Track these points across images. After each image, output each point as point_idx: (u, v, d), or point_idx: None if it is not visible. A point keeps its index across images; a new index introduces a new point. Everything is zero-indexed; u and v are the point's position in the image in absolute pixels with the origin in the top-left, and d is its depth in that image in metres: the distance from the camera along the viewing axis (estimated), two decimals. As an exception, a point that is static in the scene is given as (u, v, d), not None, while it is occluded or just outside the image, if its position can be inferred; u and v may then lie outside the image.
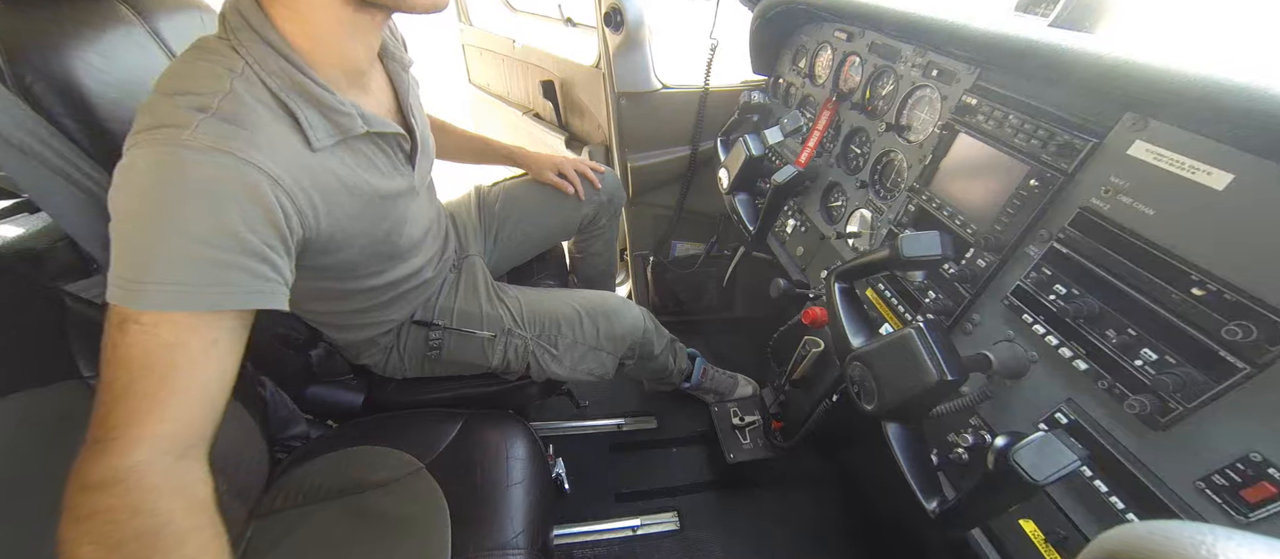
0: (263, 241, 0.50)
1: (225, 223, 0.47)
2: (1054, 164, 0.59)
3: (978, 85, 0.73)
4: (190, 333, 0.46)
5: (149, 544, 0.42)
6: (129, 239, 0.46)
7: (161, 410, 0.45)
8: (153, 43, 0.81)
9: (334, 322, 0.85)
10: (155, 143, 0.46)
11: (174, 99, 0.48)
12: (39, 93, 0.60)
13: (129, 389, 0.44)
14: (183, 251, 0.46)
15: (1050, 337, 0.57)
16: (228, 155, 0.48)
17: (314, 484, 0.82)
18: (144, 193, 0.46)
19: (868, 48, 0.98)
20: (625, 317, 1.04)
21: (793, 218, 1.15)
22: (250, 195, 0.49)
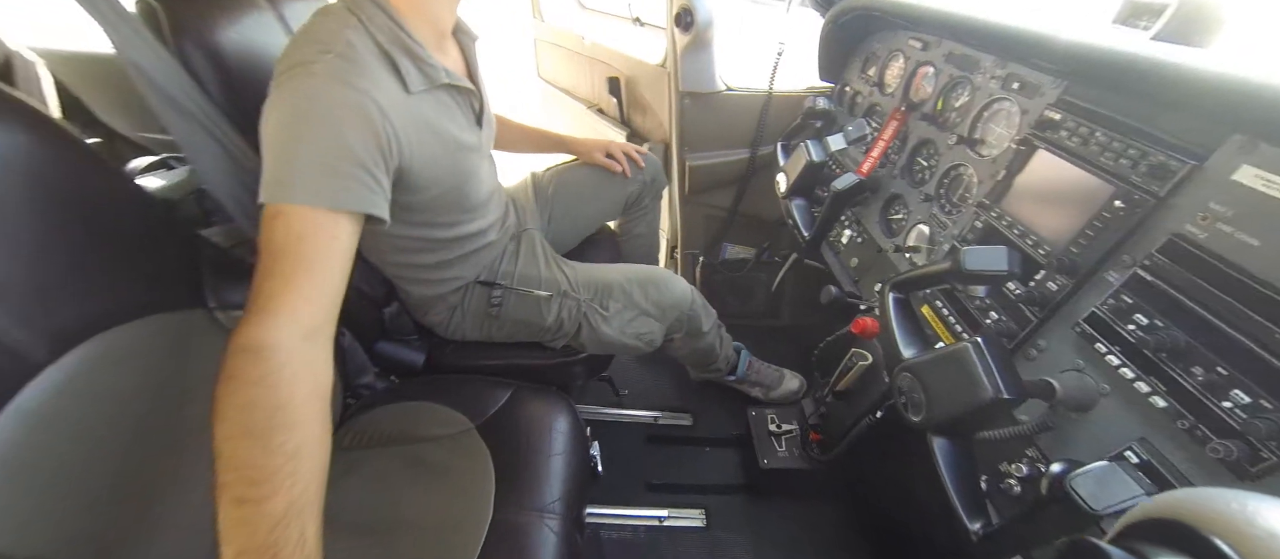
0: (370, 158, 0.62)
1: (343, 139, 0.59)
2: (1144, 186, 0.56)
3: (1063, 100, 0.70)
4: (316, 226, 0.57)
5: (269, 416, 0.48)
6: (274, 150, 0.58)
7: (295, 289, 0.54)
8: (278, 25, 0.93)
9: (412, 274, 0.95)
10: (292, 77, 0.59)
11: (304, 47, 0.61)
12: (194, 63, 0.71)
13: (271, 270, 0.54)
14: (310, 160, 0.57)
15: (1125, 369, 0.53)
16: (346, 86, 0.59)
17: (377, 430, 0.90)
18: (284, 114, 0.58)
19: (944, 57, 0.95)
20: (674, 287, 1.08)
21: (849, 228, 1.12)
22: (361, 119, 0.60)
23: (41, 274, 0.50)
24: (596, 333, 1.02)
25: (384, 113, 0.62)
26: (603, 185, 1.29)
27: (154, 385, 0.60)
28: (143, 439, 0.58)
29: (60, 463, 0.50)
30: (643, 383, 1.56)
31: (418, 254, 0.91)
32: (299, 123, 0.58)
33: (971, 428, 0.57)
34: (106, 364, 0.55)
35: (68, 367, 0.51)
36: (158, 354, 0.61)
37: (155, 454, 0.59)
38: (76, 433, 0.52)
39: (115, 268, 0.57)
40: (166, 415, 0.61)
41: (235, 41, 0.82)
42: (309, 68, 0.59)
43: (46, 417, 0.49)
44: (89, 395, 0.53)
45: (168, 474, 0.60)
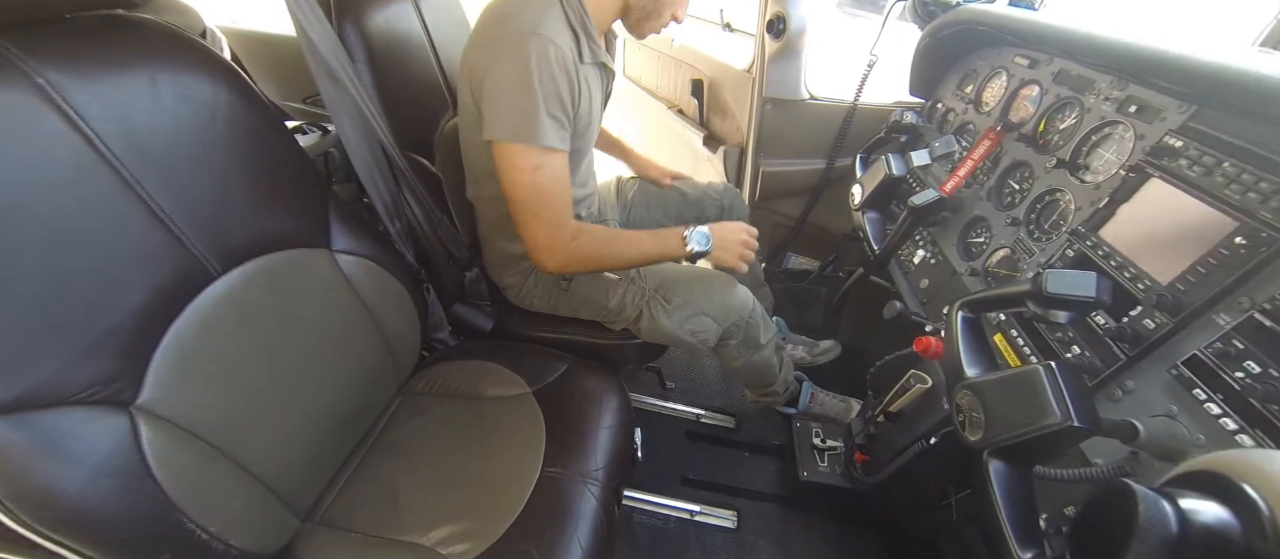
0: (570, 106, 0.83)
1: (561, 94, 0.80)
2: (1274, 223, 0.51)
3: (1188, 125, 0.64)
4: (552, 160, 0.83)
5: (603, 245, 0.92)
6: (509, 98, 0.78)
7: (562, 197, 0.86)
8: (415, 15, 1.07)
9: (506, 227, 1.01)
10: (522, 38, 0.77)
11: (525, 14, 0.79)
12: (350, 41, 0.85)
13: (540, 198, 0.84)
14: (544, 110, 0.79)
15: (1227, 419, 0.49)
16: (559, 48, 0.79)
17: (446, 382, 1.00)
18: (518, 69, 0.77)
19: (1052, 76, 0.89)
20: (736, 292, 1.10)
21: (923, 248, 1.08)
22: (568, 75, 0.80)
23: (225, 202, 0.63)
24: (655, 322, 1.06)
25: (576, 70, 0.82)
26: (682, 204, 1.34)
27: (289, 305, 0.72)
28: (276, 346, 0.70)
29: (219, 355, 0.62)
30: (690, 379, 1.58)
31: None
32: (533, 78, 0.76)
33: (1033, 456, 0.54)
34: (260, 284, 0.67)
35: (234, 280, 0.63)
36: (293, 280, 0.73)
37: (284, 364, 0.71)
38: (233, 334, 0.64)
39: (273, 205, 0.69)
40: (294, 330, 0.72)
41: (382, 26, 0.96)
42: (536, 33, 0.76)
43: (215, 317, 0.61)
44: (246, 307, 0.65)
45: (291, 381, 0.72)
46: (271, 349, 0.69)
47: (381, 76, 0.94)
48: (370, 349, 0.87)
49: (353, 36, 0.88)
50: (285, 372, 0.71)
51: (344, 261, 0.79)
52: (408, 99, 1.04)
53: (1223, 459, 0.24)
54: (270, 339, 0.69)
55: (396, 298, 0.91)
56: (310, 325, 0.74)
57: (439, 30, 1.13)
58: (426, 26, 1.10)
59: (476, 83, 0.82)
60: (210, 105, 0.62)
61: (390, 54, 0.98)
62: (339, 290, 0.78)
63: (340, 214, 0.80)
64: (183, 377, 0.57)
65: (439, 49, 1.14)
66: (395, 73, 1.00)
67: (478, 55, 0.82)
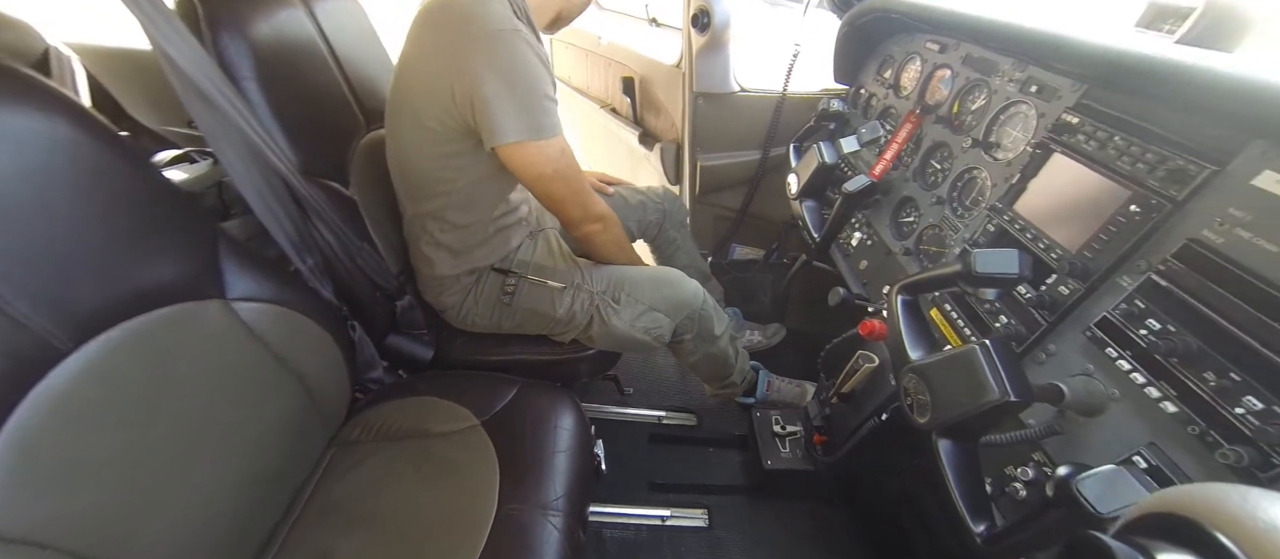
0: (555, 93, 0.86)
1: (548, 75, 0.83)
2: (1162, 190, 0.55)
3: (1082, 103, 0.69)
4: (564, 146, 0.87)
5: (619, 241, 1.06)
6: (512, 98, 0.79)
7: (585, 181, 0.94)
8: (310, 24, 0.96)
9: (451, 241, 0.99)
10: (505, 39, 0.77)
11: (495, 16, 0.77)
12: (229, 56, 0.74)
13: (566, 181, 0.90)
14: (547, 105, 0.82)
15: (1136, 374, 0.52)
16: (538, 47, 0.81)
17: (385, 424, 0.91)
18: (508, 70, 0.78)
19: (961, 60, 0.94)
20: (685, 286, 1.10)
21: (860, 230, 1.12)
22: (544, 59, 0.82)
23: (70, 262, 0.52)
24: (607, 326, 1.03)
25: (549, 62, 0.84)
26: (617, 208, 1.30)
27: (174, 372, 0.62)
28: (161, 424, 0.60)
29: (80, 447, 0.52)
30: (648, 382, 1.56)
31: (476, 209, 0.98)
32: (529, 72, 0.78)
33: (977, 430, 0.57)
34: (129, 351, 0.56)
35: (90, 354, 0.53)
36: (177, 342, 0.62)
37: (170, 440, 0.61)
38: (98, 418, 0.54)
39: (140, 257, 0.59)
40: (185, 400, 0.63)
41: (268, 36, 0.85)
42: (517, 33, 0.77)
43: (69, 402, 0.51)
44: (112, 382, 0.55)
45: (181, 458, 0.62)
46: (154, 427, 0.59)
47: (275, 96, 0.83)
48: (287, 404, 0.77)
49: (233, 51, 0.77)
50: (176, 450, 0.61)
51: (244, 310, 0.69)
52: (311, 118, 0.93)
53: (1186, 500, 0.24)
54: (151, 416, 0.59)
55: (315, 342, 0.81)
56: (205, 391, 0.64)
57: (340, 40, 1.03)
58: (325, 37, 0.99)
59: (463, 94, 0.79)
60: (44, 147, 0.51)
61: (284, 69, 0.87)
62: (240, 345, 0.69)
63: (235, 256, 0.71)
64: (29, 481, 0.47)
65: (343, 61, 1.03)
66: (292, 90, 0.89)
67: (453, 66, 0.79)
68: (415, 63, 0.86)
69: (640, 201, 1.33)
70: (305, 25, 0.95)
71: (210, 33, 0.75)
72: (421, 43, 0.85)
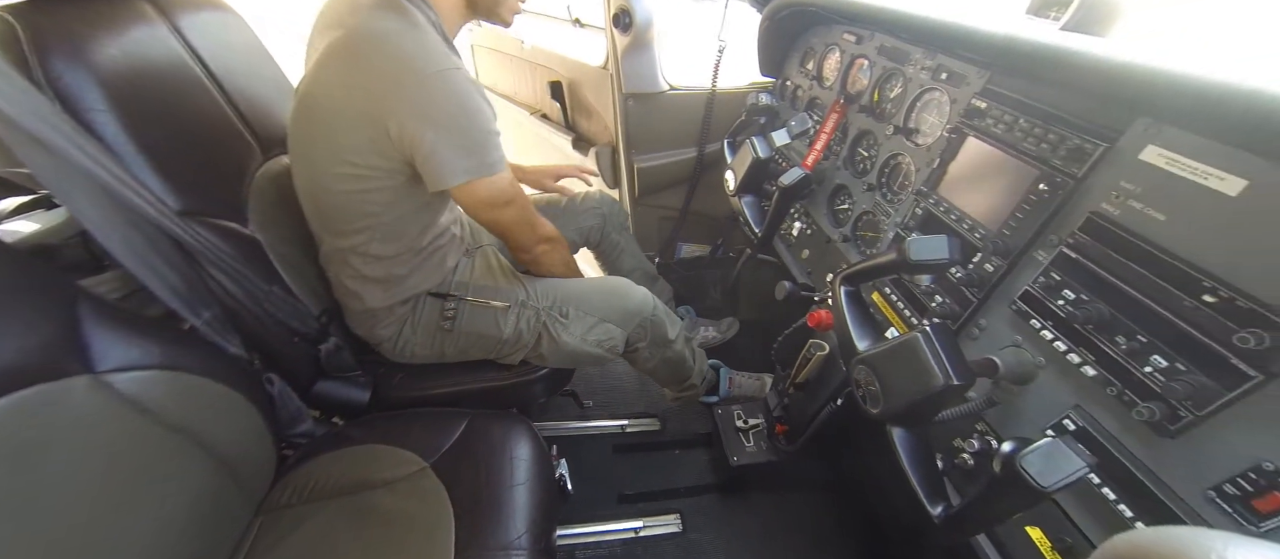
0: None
1: (487, 109, 0.79)
2: (1064, 168, 0.59)
3: (987, 89, 0.73)
4: (509, 179, 0.85)
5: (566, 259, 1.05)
6: (458, 137, 0.76)
7: (531, 204, 0.92)
8: (178, 43, 0.83)
9: (385, 272, 0.92)
10: (445, 79, 0.73)
11: (431, 53, 0.74)
12: (66, 89, 0.62)
13: (514, 206, 0.88)
14: (492, 141, 0.80)
15: (1058, 342, 0.56)
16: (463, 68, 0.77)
17: (319, 482, 0.82)
18: (452, 111, 0.75)
19: (877, 50, 0.98)
20: (633, 294, 1.07)
21: (799, 220, 1.14)
22: (479, 89, 0.79)
23: None
24: (557, 342, 0.99)
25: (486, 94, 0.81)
26: (556, 218, 1.24)
27: (43, 467, 0.51)
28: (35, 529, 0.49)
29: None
30: (606, 391, 1.53)
31: (402, 239, 0.91)
32: (469, 111, 0.76)
33: (927, 415, 0.59)
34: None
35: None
36: (40, 432, 0.52)
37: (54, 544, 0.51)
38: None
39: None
40: (63, 497, 0.52)
41: (119, 59, 0.72)
42: (457, 71, 0.75)
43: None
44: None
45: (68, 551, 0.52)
46: (26, 540, 0.49)
47: (138, 129, 0.71)
48: (196, 480, 0.67)
49: (71, 80, 0.64)
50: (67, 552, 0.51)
51: (122, 382, 0.59)
52: (189, 151, 0.81)
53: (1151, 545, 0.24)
54: (27, 522, 0.49)
55: (222, 404, 0.72)
56: (85, 486, 0.54)
57: (220, 60, 0.91)
58: (199, 57, 0.87)
59: (402, 136, 0.75)
60: None
61: (146, 97, 0.75)
62: (122, 424, 0.59)
63: (104, 320, 0.60)
64: None
65: (226, 84, 0.91)
66: (160, 120, 0.77)
67: (388, 108, 0.73)
68: (332, 96, 0.77)
69: (579, 208, 1.30)
70: (170, 44, 0.83)
71: (38, 60, 0.63)
72: (340, 76, 0.76)
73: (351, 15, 0.76)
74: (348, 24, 0.76)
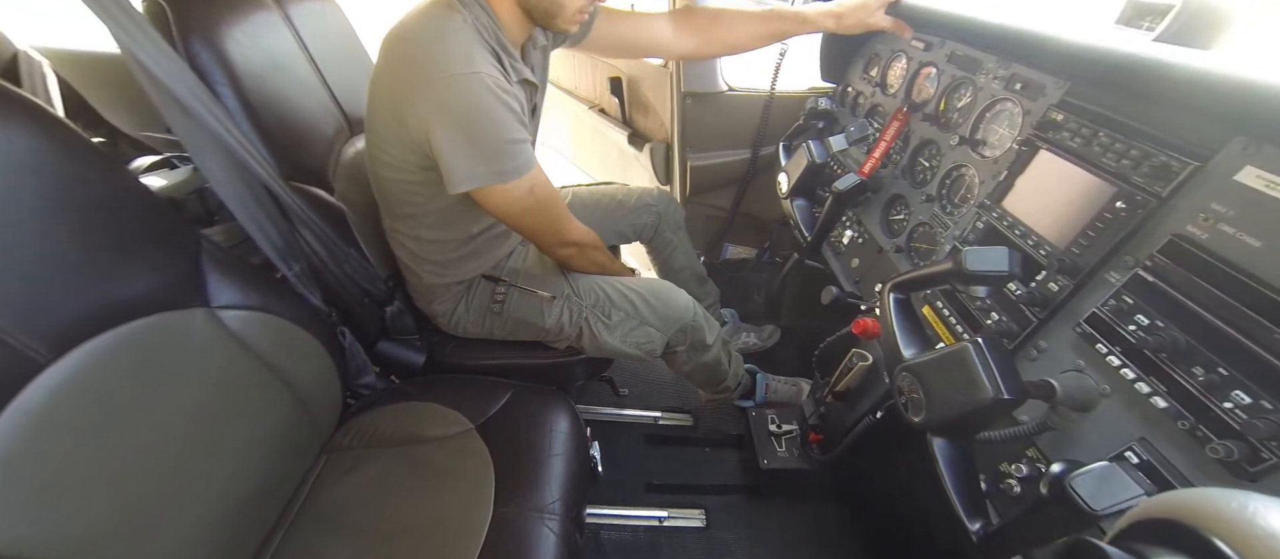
0: (526, 115, 0.83)
1: (512, 113, 0.77)
2: (1146, 187, 0.56)
3: (1066, 100, 0.70)
4: (535, 180, 0.84)
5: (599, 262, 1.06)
6: (478, 146, 0.76)
7: (557, 196, 0.91)
8: (285, 26, 0.94)
9: (434, 255, 0.98)
10: (462, 84, 0.73)
11: (451, 57, 0.73)
12: (201, 62, 0.72)
13: (543, 213, 0.89)
14: (508, 145, 0.78)
15: (1126, 369, 0.53)
16: (493, 76, 0.75)
17: (378, 431, 0.90)
18: (468, 115, 0.74)
19: (946, 58, 0.95)
20: (676, 300, 1.08)
21: (851, 228, 1.12)
22: (510, 94, 0.78)
23: (43, 274, 0.51)
24: (597, 339, 1.02)
25: (517, 98, 0.80)
26: (612, 211, 1.29)
27: (159, 383, 0.60)
28: (144, 436, 0.58)
29: (61, 463, 0.50)
30: (643, 382, 1.56)
31: (452, 228, 0.95)
32: (489, 114, 0.75)
33: (972, 429, 0.57)
34: (109, 363, 0.55)
35: (69, 366, 0.51)
36: (160, 352, 0.61)
37: (157, 452, 0.60)
38: (81, 431, 0.52)
39: (119, 267, 0.57)
40: (171, 411, 0.61)
41: (242, 41, 0.83)
42: (475, 77, 0.73)
43: (48, 416, 0.49)
44: (91, 394, 0.53)
45: (170, 470, 0.60)
46: (140, 440, 0.57)
47: (253, 102, 0.82)
48: (278, 412, 0.76)
49: (206, 57, 0.76)
50: (168, 460, 0.60)
51: (230, 318, 0.68)
52: (291, 125, 0.91)
53: (1182, 505, 0.24)
54: (140, 427, 0.57)
55: (304, 349, 0.80)
56: (192, 402, 0.63)
57: (319, 43, 1.01)
58: (303, 41, 0.98)
59: (419, 135, 0.76)
60: (14, 161, 0.49)
61: (262, 75, 0.85)
62: (227, 353, 0.67)
63: (219, 263, 0.69)
64: (11, 497, 0.46)
65: (322, 66, 1.01)
66: (269, 95, 0.87)
67: (407, 106, 0.75)
68: (376, 89, 0.82)
69: (635, 204, 1.32)
70: (281, 30, 0.94)
71: (181, 38, 0.74)
72: (380, 71, 0.81)
73: (411, 12, 0.79)
74: (402, 19, 0.79)
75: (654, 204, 1.34)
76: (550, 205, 0.89)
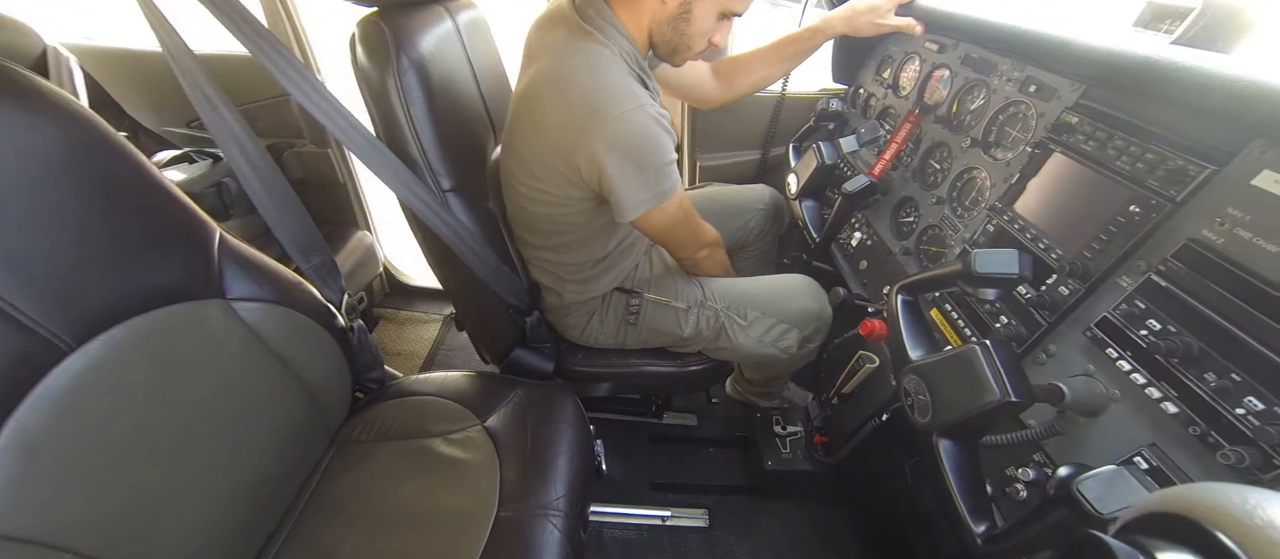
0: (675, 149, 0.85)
1: (668, 142, 0.80)
2: (1161, 191, 0.55)
3: (1080, 103, 0.69)
4: (681, 200, 0.87)
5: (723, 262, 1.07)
6: (644, 177, 0.79)
7: (701, 226, 0.97)
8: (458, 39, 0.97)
9: (575, 274, 1.00)
10: (626, 118, 0.75)
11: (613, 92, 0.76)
12: (407, 82, 0.78)
13: (686, 225, 0.93)
14: (667, 171, 0.81)
15: (1137, 374, 0.53)
16: (658, 116, 0.78)
17: (385, 424, 0.91)
18: (632, 146, 0.77)
19: (960, 60, 0.94)
20: (811, 293, 1.07)
21: (859, 230, 1.12)
22: (664, 125, 0.79)
23: (69, 263, 0.52)
24: (733, 341, 1.02)
25: (667, 120, 0.80)
26: (725, 213, 1.27)
27: (176, 371, 0.62)
28: (163, 423, 0.60)
29: (84, 446, 0.52)
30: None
31: (592, 247, 0.97)
32: (651, 146, 0.77)
33: (978, 431, 0.57)
34: (131, 351, 0.56)
35: (93, 353, 0.53)
36: (178, 342, 0.62)
37: (175, 439, 0.61)
38: (101, 417, 0.54)
39: (141, 257, 0.59)
40: (187, 400, 0.63)
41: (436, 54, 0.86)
42: (640, 109, 0.75)
43: (72, 401, 0.51)
44: (114, 381, 0.55)
45: (187, 457, 0.62)
46: (158, 427, 0.59)
47: (440, 116, 0.84)
48: (289, 403, 0.77)
49: (412, 74, 0.79)
50: (183, 448, 0.62)
51: (245, 310, 0.70)
52: (463, 137, 0.93)
53: (1186, 500, 0.24)
54: (157, 414, 0.59)
55: (316, 342, 0.81)
56: (209, 391, 0.64)
57: (476, 53, 1.03)
58: (469, 54, 1.00)
59: (590, 174, 0.79)
60: (46, 153, 0.51)
61: (445, 88, 0.87)
62: (242, 344, 0.69)
63: (235, 256, 0.70)
64: (34, 480, 0.47)
65: (479, 76, 1.03)
66: (447, 109, 0.89)
67: (578, 147, 0.77)
68: (534, 129, 0.82)
69: (744, 205, 1.29)
70: (455, 41, 0.95)
71: (396, 56, 0.77)
72: (533, 116, 0.82)
73: (549, 49, 0.81)
74: (542, 61, 0.80)
75: (764, 207, 1.30)
76: (691, 213, 0.93)
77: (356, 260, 1.57)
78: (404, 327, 1.85)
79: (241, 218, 1.09)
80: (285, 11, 1.27)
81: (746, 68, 1.15)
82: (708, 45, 0.84)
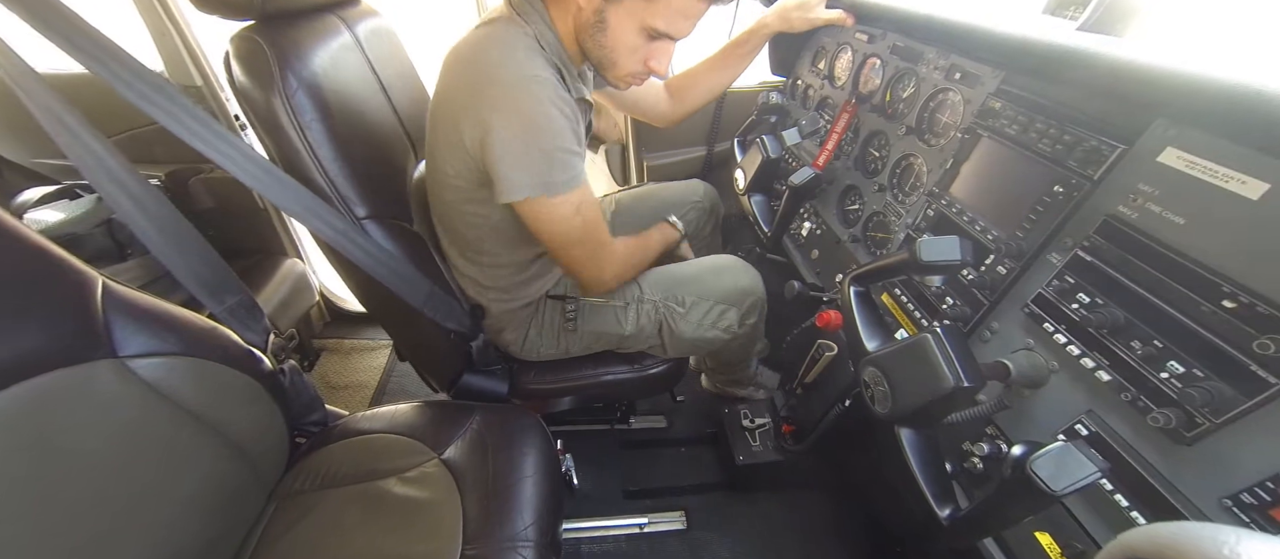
0: (583, 131, 0.81)
1: (568, 124, 0.74)
2: (1080, 170, 0.58)
3: (1002, 89, 0.72)
4: (583, 193, 0.78)
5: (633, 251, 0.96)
6: (531, 155, 0.72)
7: (601, 222, 0.85)
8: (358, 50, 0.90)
9: (501, 280, 0.96)
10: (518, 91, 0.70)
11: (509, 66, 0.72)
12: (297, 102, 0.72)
13: (581, 243, 0.83)
14: (557, 158, 0.73)
15: (1072, 346, 0.55)
16: (559, 98, 0.73)
17: (331, 469, 0.84)
18: (520, 126, 0.71)
19: (889, 50, 0.97)
20: (743, 273, 1.07)
21: (809, 220, 1.14)
22: (568, 104, 0.75)
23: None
24: (676, 332, 1.01)
25: (574, 111, 0.76)
26: (662, 208, 1.26)
27: (59, 452, 0.53)
28: (53, 512, 0.51)
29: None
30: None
31: (514, 250, 0.93)
32: (546, 122, 0.71)
33: (937, 416, 0.58)
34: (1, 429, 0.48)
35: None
36: (60, 416, 0.54)
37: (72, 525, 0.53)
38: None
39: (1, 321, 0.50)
40: (79, 482, 0.54)
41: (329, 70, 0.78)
42: (536, 80, 0.71)
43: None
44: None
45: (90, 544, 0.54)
46: (47, 515, 0.51)
47: (341, 136, 0.77)
48: (212, 464, 0.69)
49: (302, 94, 0.71)
50: (82, 536, 0.53)
51: (144, 367, 0.61)
52: (374, 158, 0.85)
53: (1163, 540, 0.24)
54: (41, 503, 0.50)
55: (240, 392, 0.73)
56: (108, 466, 0.56)
57: (384, 66, 0.94)
58: (373, 66, 0.91)
59: (474, 143, 0.73)
60: None
61: (346, 106, 0.80)
62: (142, 407, 0.60)
63: (125, 307, 0.61)
64: None
65: (387, 88, 0.94)
66: (357, 128, 0.81)
67: (464, 112, 0.73)
68: (435, 107, 0.80)
69: (676, 199, 1.28)
70: (355, 53, 0.86)
71: (279, 74, 0.68)
72: (439, 85, 0.79)
73: (473, 30, 0.78)
74: (463, 37, 0.77)
75: (699, 200, 1.30)
76: (595, 228, 0.84)
77: (288, 291, 1.44)
78: (349, 357, 1.72)
79: (141, 257, 0.96)
80: (174, 26, 1.14)
81: (695, 79, 1.19)
82: (645, 68, 0.79)
